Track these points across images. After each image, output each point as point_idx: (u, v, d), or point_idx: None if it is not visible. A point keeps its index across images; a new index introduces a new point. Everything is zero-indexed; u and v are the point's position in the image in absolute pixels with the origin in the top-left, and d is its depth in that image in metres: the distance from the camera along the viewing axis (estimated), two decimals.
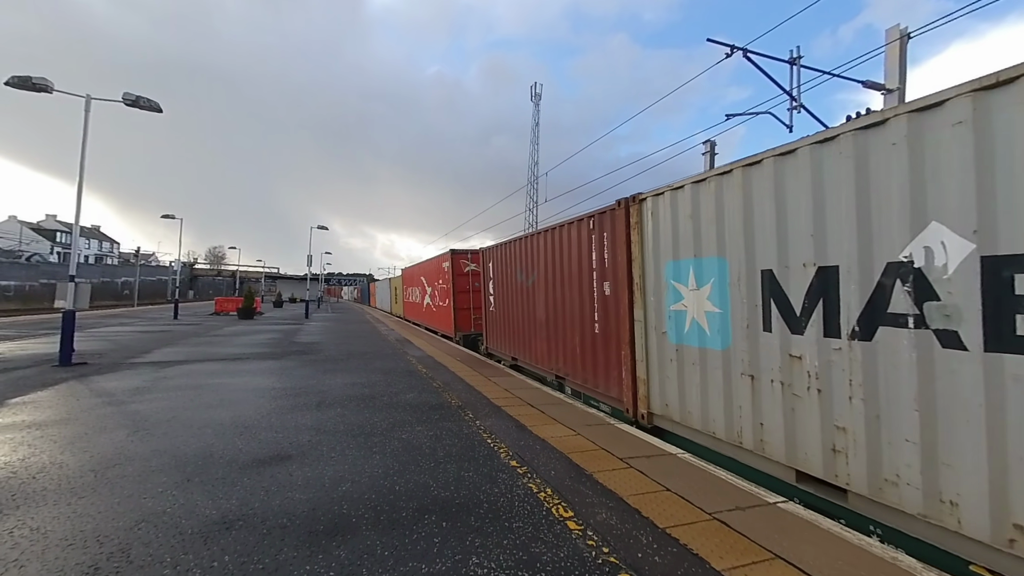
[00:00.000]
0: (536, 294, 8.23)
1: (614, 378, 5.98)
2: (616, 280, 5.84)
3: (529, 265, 8.51)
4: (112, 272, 57.60)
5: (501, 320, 10.39)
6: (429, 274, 18.70)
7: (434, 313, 18.05)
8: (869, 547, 2.72)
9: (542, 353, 8.11)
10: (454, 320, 14.37)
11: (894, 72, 7.22)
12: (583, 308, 6.64)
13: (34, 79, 9.43)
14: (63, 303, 9.86)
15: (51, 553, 2.60)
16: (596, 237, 6.27)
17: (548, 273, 7.70)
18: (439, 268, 16.37)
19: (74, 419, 5.37)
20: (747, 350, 4.02)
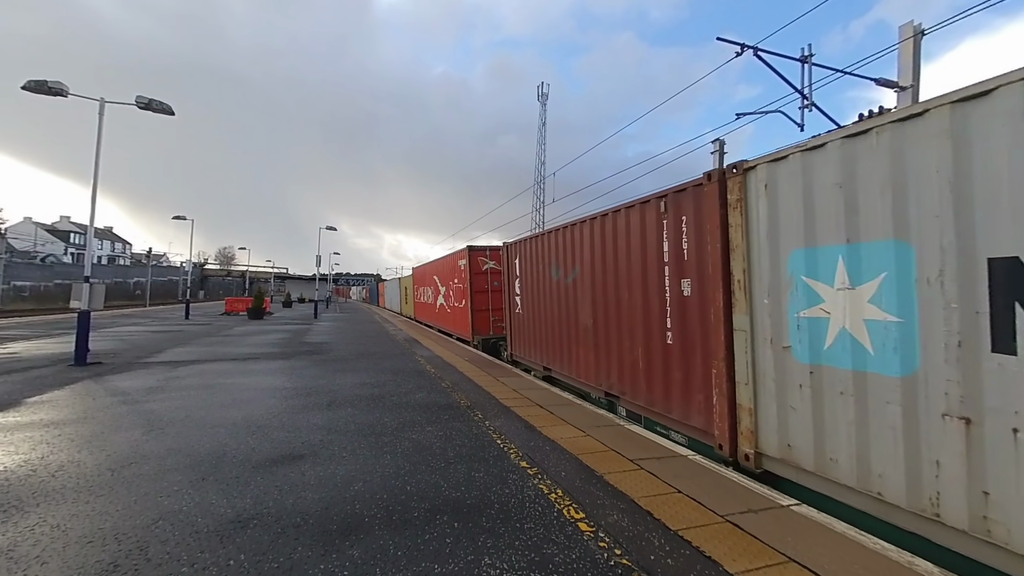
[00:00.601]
0: (579, 294, 7.06)
1: (697, 403, 4.72)
2: (702, 277, 4.64)
3: (568, 260, 7.35)
4: (124, 273, 58.46)
5: (530, 324, 9.16)
6: (443, 273, 17.43)
7: (448, 315, 16.87)
8: (884, 551, 2.70)
9: (586, 365, 6.90)
10: (471, 322, 13.26)
11: (908, 69, 7.13)
12: (648, 311, 5.44)
13: (50, 83, 9.60)
14: (78, 304, 10.03)
15: (71, 550, 2.65)
16: (670, 222, 5.06)
17: (596, 269, 6.51)
18: (454, 266, 15.24)
19: (90, 418, 5.46)
20: (957, 380, 2.73)
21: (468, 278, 13.37)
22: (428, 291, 21.22)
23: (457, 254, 14.98)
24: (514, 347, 10.29)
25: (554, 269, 7.84)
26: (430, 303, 20.78)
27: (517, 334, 10.03)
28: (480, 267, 13.25)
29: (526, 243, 9.39)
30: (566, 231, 7.47)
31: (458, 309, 15.05)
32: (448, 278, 16.39)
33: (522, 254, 9.56)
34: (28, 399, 6.37)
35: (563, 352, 7.69)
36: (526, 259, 9.30)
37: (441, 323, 18.40)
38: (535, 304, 8.82)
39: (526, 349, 9.53)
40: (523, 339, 9.67)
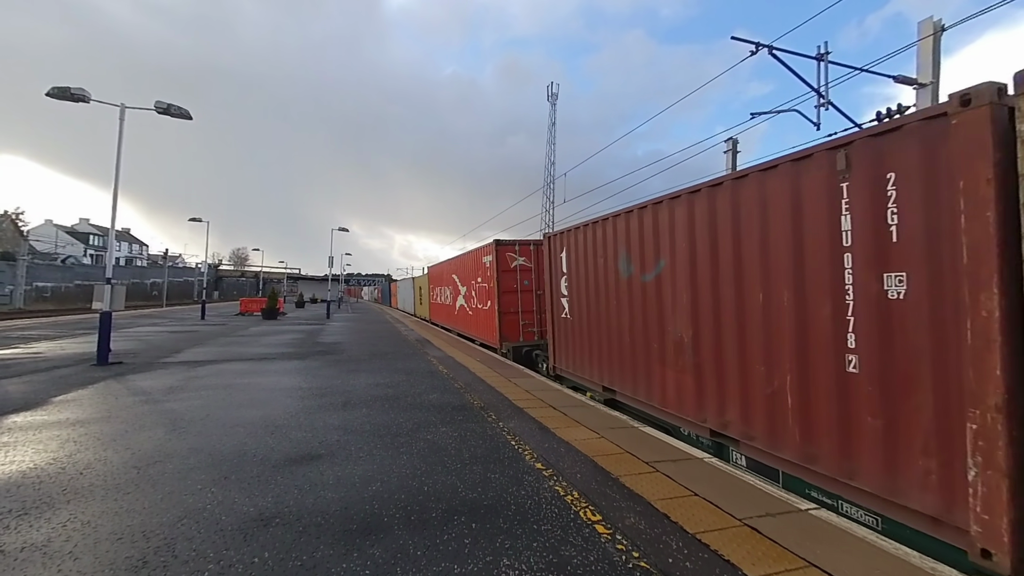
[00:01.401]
0: (666, 295, 5.39)
1: (919, 472, 3.03)
2: (938, 268, 2.92)
3: (647, 251, 5.72)
4: (141, 273, 59.67)
5: (583, 332, 7.53)
6: (464, 271, 15.82)
7: (470, 318, 15.27)
8: (907, 557, 2.67)
9: (679, 392, 5.23)
10: (498, 327, 11.74)
11: (927, 66, 7.01)
12: (806, 322, 3.77)
13: (72, 90, 9.84)
14: (100, 304, 10.27)
15: (102, 546, 2.73)
16: (859, 185, 3.39)
17: (700, 262, 4.86)
18: (477, 264, 13.76)
19: (114, 417, 5.59)
20: None
21: (495, 276, 11.88)
22: (446, 291, 19.42)
23: (481, 249, 13.43)
24: (559, 359, 8.63)
25: (623, 263, 6.21)
26: (448, 304, 19.12)
27: (563, 344, 8.38)
28: (509, 264, 11.81)
29: (578, 232, 7.59)
30: (643, 214, 5.84)
31: (482, 312, 13.56)
32: (470, 276, 14.89)
33: (573, 245, 7.80)
34: (54, 398, 6.54)
35: (637, 371, 6.01)
36: (578, 251, 7.60)
37: (462, 326, 16.75)
38: (593, 307, 7.14)
39: (577, 363, 7.84)
40: (573, 350, 7.99)
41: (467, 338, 15.78)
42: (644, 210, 5.82)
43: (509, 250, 11.95)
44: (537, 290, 11.50)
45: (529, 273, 11.62)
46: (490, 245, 12.39)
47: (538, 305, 11.50)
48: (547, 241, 8.98)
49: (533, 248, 11.92)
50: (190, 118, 10.94)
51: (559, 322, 8.56)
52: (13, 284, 39.79)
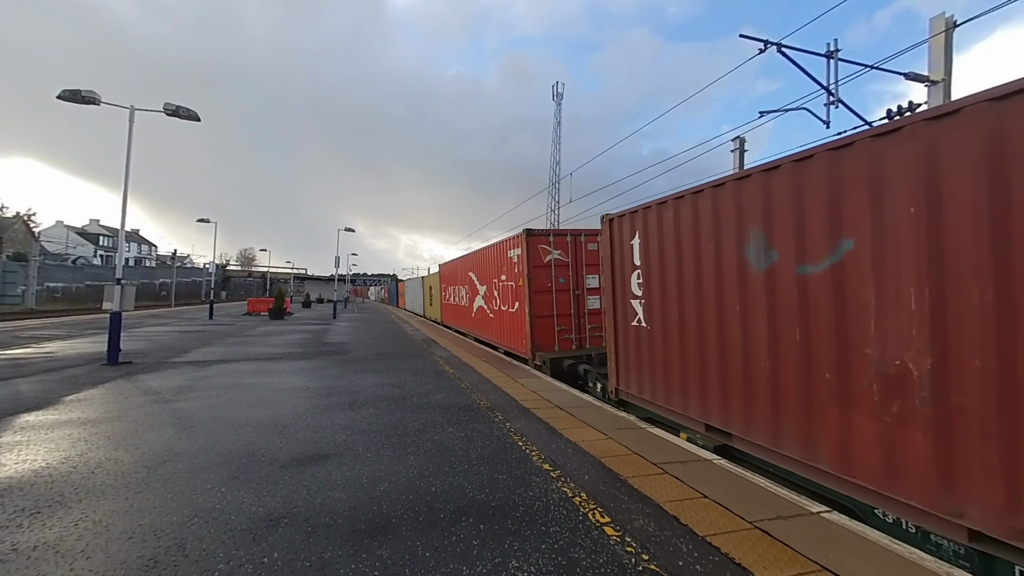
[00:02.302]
0: (847, 295, 3.49)
1: None
2: None
3: (809, 226, 3.80)
4: (150, 274, 60.24)
5: (670, 346, 5.52)
6: (484, 268, 13.80)
7: (491, 321, 13.25)
8: (922, 561, 2.63)
9: (901, 457, 3.15)
10: (529, 334, 9.94)
11: (939, 63, 6.91)
12: None
13: (83, 92, 9.94)
14: (110, 305, 10.37)
15: (114, 545, 2.74)
16: None
17: (946, 236, 2.89)
18: (502, 258, 11.98)
19: (124, 416, 5.64)
20: None
21: (525, 273, 10.03)
22: (461, 291, 17.34)
23: (507, 242, 11.58)
24: (627, 380, 6.47)
25: (755, 248, 4.30)
26: (463, 306, 17.10)
27: (634, 360, 6.27)
28: (542, 258, 10.07)
29: (662, 210, 5.58)
30: (804, 169, 3.82)
31: (507, 315, 11.64)
32: (491, 273, 12.94)
33: (653, 229, 5.76)
34: (65, 397, 6.61)
35: (784, 412, 4.02)
36: (663, 236, 5.58)
37: (480, 331, 14.72)
38: (691, 313, 5.13)
39: (658, 388, 5.77)
40: (651, 371, 5.90)
41: (487, 344, 13.80)
42: (806, 163, 3.78)
43: (542, 241, 10.12)
44: (575, 290, 10.09)
45: (566, 269, 10.04)
46: (518, 236, 10.43)
47: (576, 308, 10.12)
48: (608, 226, 6.72)
49: (570, 240, 10.24)
50: (198, 119, 11.03)
51: (627, 331, 6.32)
52: (25, 284, 40.36)
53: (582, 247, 10.24)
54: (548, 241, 10.18)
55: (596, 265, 9.23)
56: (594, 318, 9.95)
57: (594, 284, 9.85)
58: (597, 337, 9.88)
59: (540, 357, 9.73)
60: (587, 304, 10.09)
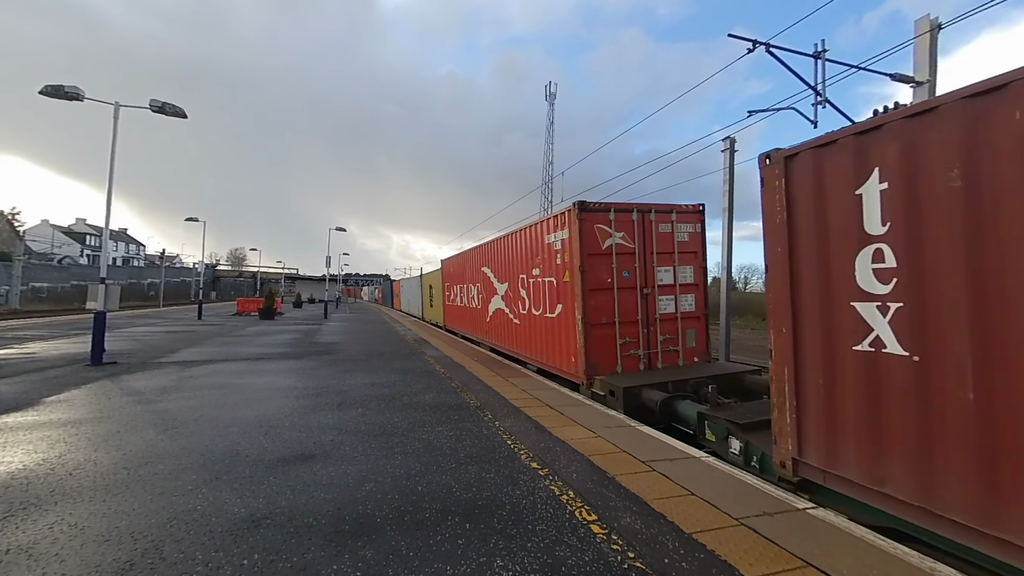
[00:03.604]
0: None
1: None
2: None
3: None
4: (138, 274, 59.44)
5: (988, 403, 2.59)
6: (505, 260, 10.91)
7: (516, 329, 10.31)
8: (906, 556, 2.64)
9: None
10: (583, 349, 7.25)
11: (924, 64, 6.99)
12: None
13: (66, 88, 9.76)
14: (94, 304, 10.20)
15: (89, 548, 2.68)
16: None
17: None
18: (534, 247, 9.09)
19: (106, 417, 5.53)
20: None
21: (576, 264, 7.28)
22: (472, 290, 14.33)
23: (544, 224, 8.64)
24: (835, 451, 3.49)
25: None
26: (474, 308, 14.07)
27: (869, 418, 3.24)
28: (599, 243, 7.33)
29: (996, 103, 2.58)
30: None
31: (542, 321, 8.79)
32: (518, 267, 10.01)
33: (939, 156, 2.82)
34: (46, 398, 6.48)
35: None
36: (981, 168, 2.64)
37: (499, 339, 11.75)
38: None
39: (954, 486, 2.75)
40: (920, 445, 2.93)
41: (506, 356, 11.12)
42: None
43: (599, 219, 7.31)
44: (643, 287, 7.49)
45: (631, 260, 7.43)
46: (563, 214, 7.78)
47: (645, 313, 7.48)
48: (780, 169, 3.88)
49: (636, 218, 7.48)
50: (185, 116, 10.87)
51: (837, 360, 3.46)
52: (9, 284, 39.62)
53: (651, 228, 7.63)
54: (608, 219, 7.32)
55: (669, 253, 7.70)
56: (667, 326, 7.69)
57: (667, 280, 7.74)
58: (671, 353, 7.66)
59: (604, 385, 6.83)
60: (658, 307, 7.68)
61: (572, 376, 7.72)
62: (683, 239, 7.77)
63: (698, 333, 7.86)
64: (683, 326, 7.69)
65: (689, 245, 7.83)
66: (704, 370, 7.09)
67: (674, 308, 7.68)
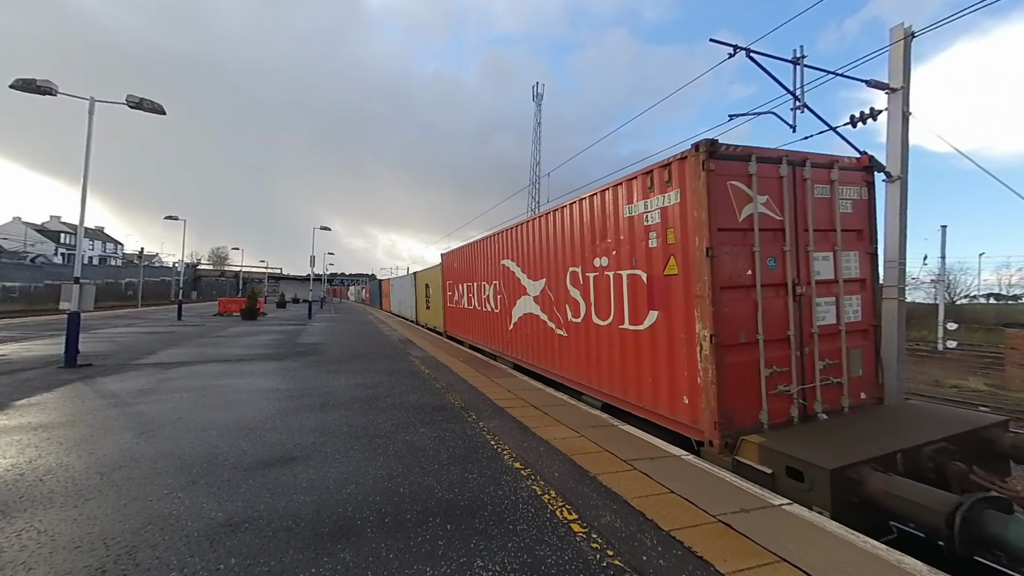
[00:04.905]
0: None
1: None
2: None
3: None
4: (116, 273, 57.90)
5: None
6: (543, 248, 8.17)
7: (563, 345, 7.53)
8: (875, 550, 2.72)
9: None
10: (710, 383, 4.48)
11: (898, 72, 7.17)
12: None
13: (38, 82, 9.48)
14: (68, 305, 9.91)
15: (59, 556, 2.61)
16: None
17: None
18: (602, 222, 6.35)
19: (80, 421, 5.39)
20: None
21: (695, 244, 4.69)
22: (487, 289, 11.42)
23: (625, 185, 5.90)
24: None
25: None
26: (492, 313, 11.09)
27: None
28: (734, 211, 4.72)
29: None
30: None
31: (614, 336, 6.13)
32: (566, 257, 7.31)
33: None
34: (16, 402, 6.28)
35: None
36: None
37: (532, 357, 8.81)
38: None
39: None
40: None
41: (538, 377, 8.37)
42: None
43: (735, 174, 4.75)
44: (794, 283, 4.90)
45: (778, 240, 4.92)
46: (672, 164, 5.03)
47: (798, 323, 4.86)
48: None
49: (785, 172, 4.97)
50: (163, 113, 10.64)
51: None
52: None
53: (804, 192, 5.06)
54: (745, 173, 4.75)
55: (828, 231, 5.15)
56: (827, 346, 5.01)
57: (827, 272, 5.12)
58: (832, 389, 4.98)
59: (769, 454, 4.10)
60: (815, 315, 4.99)
61: (683, 427, 4.91)
62: (845, 210, 5.31)
63: (865, 355, 5.30)
64: (847, 344, 5.12)
65: (853, 219, 5.37)
66: (914, 421, 4.67)
67: (835, 317, 5.12)
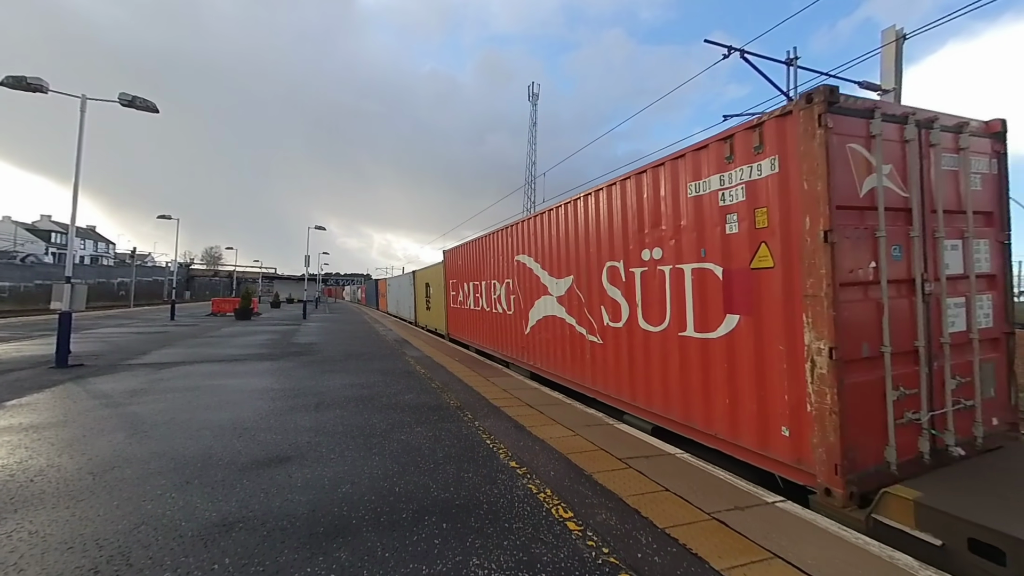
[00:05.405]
0: None
1: None
2: None
3: None
4: (108, 273, 57.37)
5: None
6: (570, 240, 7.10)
7: (598, 353, 6.36)
8: (867, 546, 2.75)
9: None
10: (831, 411, 3.28)
11: (890, 73, 7.26)
12: None
13: (29, 79, 9.38)
14: (59, 304, 9.81)
15: (50, 556, 2.59)
16: None
17: None
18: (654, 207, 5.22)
19: (71, 421, 5.34)
20: None
21: (807, 227, 3.47)
22: (498, 289, 10.26)
23: (691, 156, 4.76)
24: None
25: None
26: (504, 315, 9.89)
27: None
28: (854, 183, 3.54)
29: None
30: None
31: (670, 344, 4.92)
32: (603, 250, 6.23)
33: None
34: (6, 402, 6.21)
35: None
36: None
37: (557, 366, 7.56)
38: None
39: None
40: None
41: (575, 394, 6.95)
42: None
43: (853, 134, 3.58)
44: (923, 277, 3.73)
45: (902, 222, 3.75)
46: (770, 121, 3.79)
47: (926, 331, 3.71)
48: None
49: (912, 131, 3.79)
50: (156, 111, 10.56)
51: None
52: None
53: (930, 161, 3.93)
54: (866, 134, 3.64)
55: (958, 212, 4.01)
56: (957, 358, 3.86)
57: (956, 265, 3.97)
58: (964, 414, 3.83)
59: (935, 520, 2.93)
60: (947, 320, 3.88)
61: (781, 467, 3.74)
62: (975, 187, 4.12)
63: (998, 370, 4.16)
64: (980, 356, 3.97)
65: (982, 199, 4.20)
66: None
67: (966, 322, 3.97)
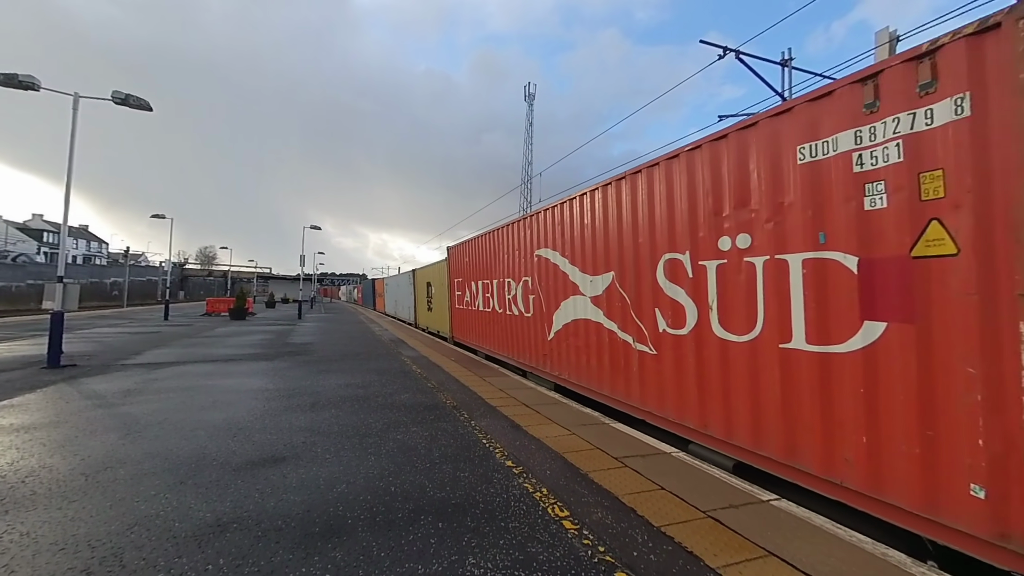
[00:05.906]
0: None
1: None
2: None
3: None
4: (101, 272, 56.90)
5: None
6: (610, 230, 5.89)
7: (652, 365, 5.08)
8: (860, 544, 2.76)
9: None
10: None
11: None
12: None
13: (21, 77, 9.28)
14: (51, 304, 9.73)
15: (42, 558, 2.56)
16: None
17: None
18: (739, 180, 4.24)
19: (63, 422, 5.29)
20: None
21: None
22: (514, 288, 9.04)
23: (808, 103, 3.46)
24: None
25: None
26: (521, 318, 8.72)
27: None
28: None
29: None
30: None
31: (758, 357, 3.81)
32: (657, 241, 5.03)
33: None
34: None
35: None
36: None
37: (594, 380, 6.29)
38: None
39: None
40: None
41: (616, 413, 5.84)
42: None
43: None
44: None
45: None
46: (974, 38, 2.49)
47: None
48: None
49: None
50: (150, 109, 10.48)
51: None
52: None
53: None
54: None
55: None
56: None
57: None
58: None
59: None
60: None
61: (968, 541, 2.60)
62: None
63: None
64: None
65: None
66: None
67: None
